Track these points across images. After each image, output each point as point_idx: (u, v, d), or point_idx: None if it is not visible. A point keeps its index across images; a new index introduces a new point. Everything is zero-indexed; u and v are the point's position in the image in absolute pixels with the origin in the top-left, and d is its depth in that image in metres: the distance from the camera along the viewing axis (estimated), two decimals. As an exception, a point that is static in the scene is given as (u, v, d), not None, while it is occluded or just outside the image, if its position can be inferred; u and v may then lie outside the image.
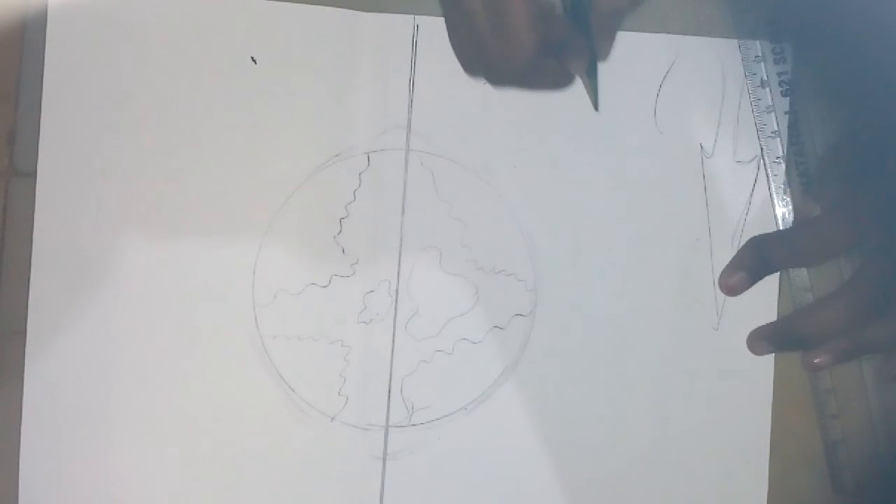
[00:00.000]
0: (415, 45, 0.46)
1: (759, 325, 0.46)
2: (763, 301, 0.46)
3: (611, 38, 0.42)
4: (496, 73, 0.41)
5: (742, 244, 0.46)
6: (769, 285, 0.47)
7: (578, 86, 0.41)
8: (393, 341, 0.46)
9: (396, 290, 0.46)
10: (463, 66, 0.43)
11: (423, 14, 0.46)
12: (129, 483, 0.45)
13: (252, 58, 0.45)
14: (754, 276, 0.44)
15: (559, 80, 0.42)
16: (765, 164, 0.47)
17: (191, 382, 0.45)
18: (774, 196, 0.46)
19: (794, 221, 0.46)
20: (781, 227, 0.46)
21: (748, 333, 0.45)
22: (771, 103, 0.46)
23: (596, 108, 0.44)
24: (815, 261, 0.44)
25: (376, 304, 0.46)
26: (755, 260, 0.44)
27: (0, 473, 0.44)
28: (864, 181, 0.43)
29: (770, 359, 0.47)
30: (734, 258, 0.45)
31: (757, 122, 0.46)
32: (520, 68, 0.39)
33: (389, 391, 0.46)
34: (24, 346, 0.44)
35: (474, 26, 0.39)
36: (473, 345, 0.46)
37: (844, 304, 0.42)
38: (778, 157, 0.46)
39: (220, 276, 0.45)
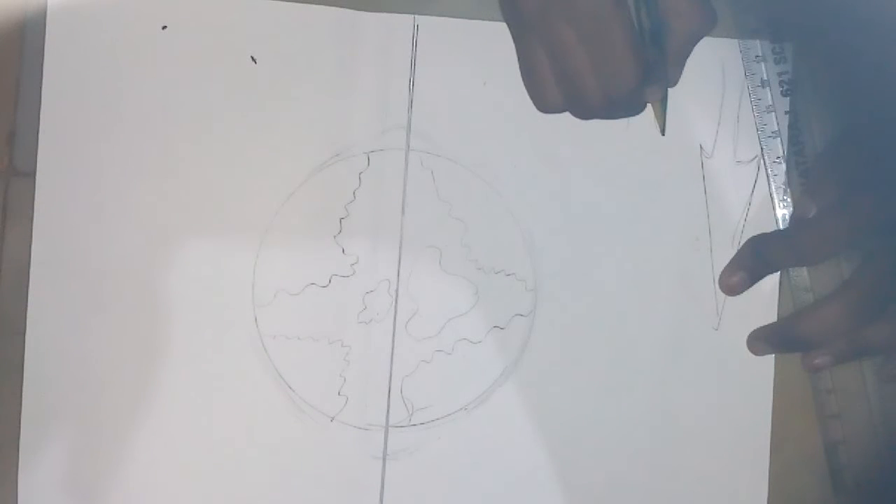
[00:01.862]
0: (415, 45, 0.46)
1: (760, 325, 0.46)
2: (763, 301, 0.46)
3: (682, 64, 0.42)
4: (585, 106, 0.41)
5: (742, 244, 0.46)
6: (769, 285, 0.46)
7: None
8: (393, 341, 0.46)
9: (396, 290, 0.46)
10: (539, 103, 0.42)
11: (423, 14, 0.46)
12: (129, 483, 0.45)
13: (252, 57, 0.45)
14: (754, 276, 0.44)
15: (635, 108, 0.42)
16: (765, 164, 0.47)
17: (190, 382, 0.45)
18: (774, 196, 0.46)
19: (792, 221, 0.46)
20: (781, 228, 0.46)
21: (748, 334, 0.45)
22: (771, 103, 0.46)
23: (663, 132, 0.44)
24: (815, 260, 0.44)
25: (376, 304, 0.46)
26: (755, 260, 0.44)
27: (0, 474, 0.44)
28: (863, 180, 0.43)
29: (770, 359, 0.46)
30: (734, 258, 0.45)
31: (757, 122, 0.46)
32: (624, 98, 0.39)
33: (389, 391, 0.46)
34: (24, 346, 0.44)
35: (569, 61, 0.39)
36: (473, 345, 0.46)
37: (843, 306, 0.41)
38: (778, 157, 0.46)
39: (220, 276, 0.45)
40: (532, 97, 0.42)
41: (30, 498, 0.44)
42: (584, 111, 0.41)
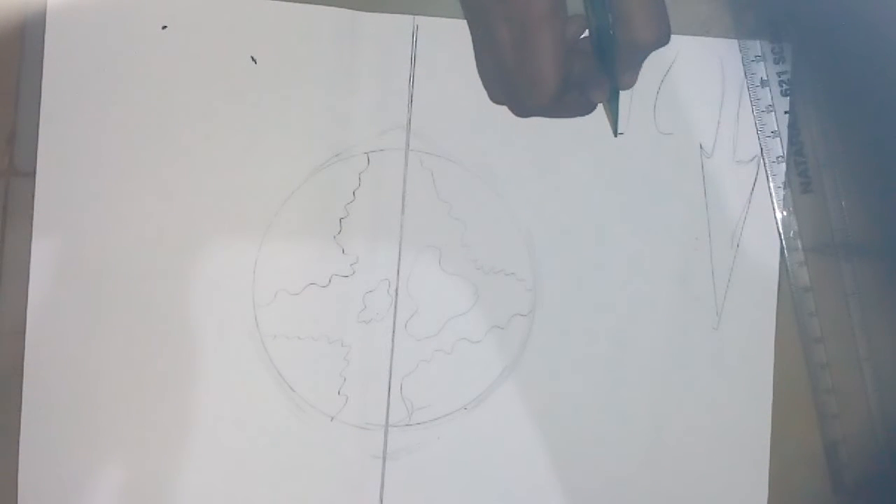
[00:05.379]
0: (415, 45, 0.46)
1: (759, 325, 0.46)
2: (762, 301, 0.46)
3: (635, 71, 0.42)
4: (520, 104, 0.41)
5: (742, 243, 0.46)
6: (769, 285, 0.47)
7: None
8: (393, 341, 0.46)
9: (396, 290, 0.46)
10: (488, 93, 0.43)
11: (423, 14, 0.46)
12: (129, 483, 0.45)
13: (252, 58, 0.45)
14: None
15: (582, 109, 0.42)
16: (765, 164, 0.47)
17: (191, 382, 0.45)
18: (774, 196, 0.46)
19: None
20: (781, 228, 0.46)
21: None
22: (771, 103, 0.46)
23: (615, 134, 0.44)
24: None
25: (376, 304, 0.46)
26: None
27: (0, 473, 0.44)
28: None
29: (770, 359, 0.47)
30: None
31: (757, 121, 0.46)
32: (544, 104, 0.39)
33: (389, 391, 0.46)
34: (24, 346, 0.44)
35: (502, 59, 0.39)
36: (473, 344, 0.46)
37: None
38: (778, 157, 0.46)
39: (220, 276, 0.45)
40: (484, 87, 0.43)
41: (30, 497, 0.44)
42: (520, 109, 0.42)
